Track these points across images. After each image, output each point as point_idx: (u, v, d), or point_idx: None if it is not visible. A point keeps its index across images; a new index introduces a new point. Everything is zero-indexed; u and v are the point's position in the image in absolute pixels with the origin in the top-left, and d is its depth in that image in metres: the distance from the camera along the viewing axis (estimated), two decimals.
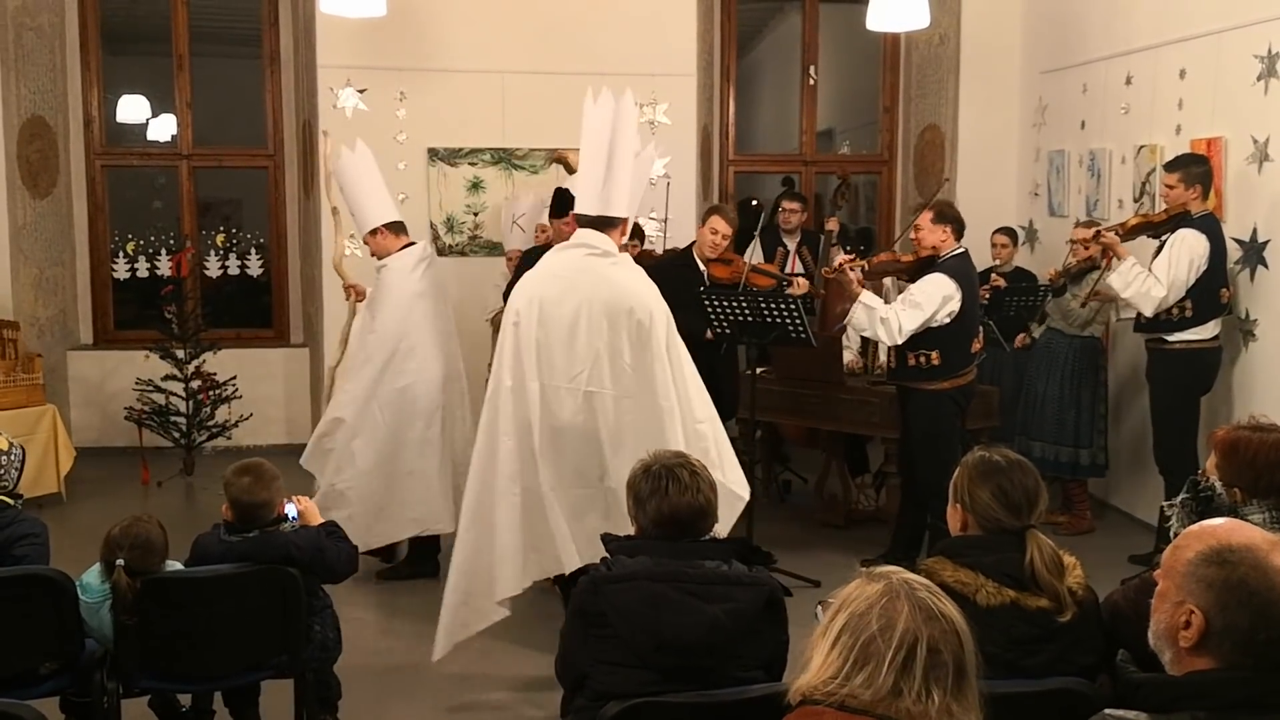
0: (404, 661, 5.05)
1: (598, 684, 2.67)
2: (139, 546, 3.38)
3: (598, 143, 4.81)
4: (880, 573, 1.87)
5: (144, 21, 9.01)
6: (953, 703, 1.76)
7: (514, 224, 7.84)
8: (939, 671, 1.75)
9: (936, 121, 8.77)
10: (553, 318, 4.45)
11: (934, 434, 5.66)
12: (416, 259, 5.87)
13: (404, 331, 5.74)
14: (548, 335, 4.46)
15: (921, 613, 1.78)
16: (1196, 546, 1.96)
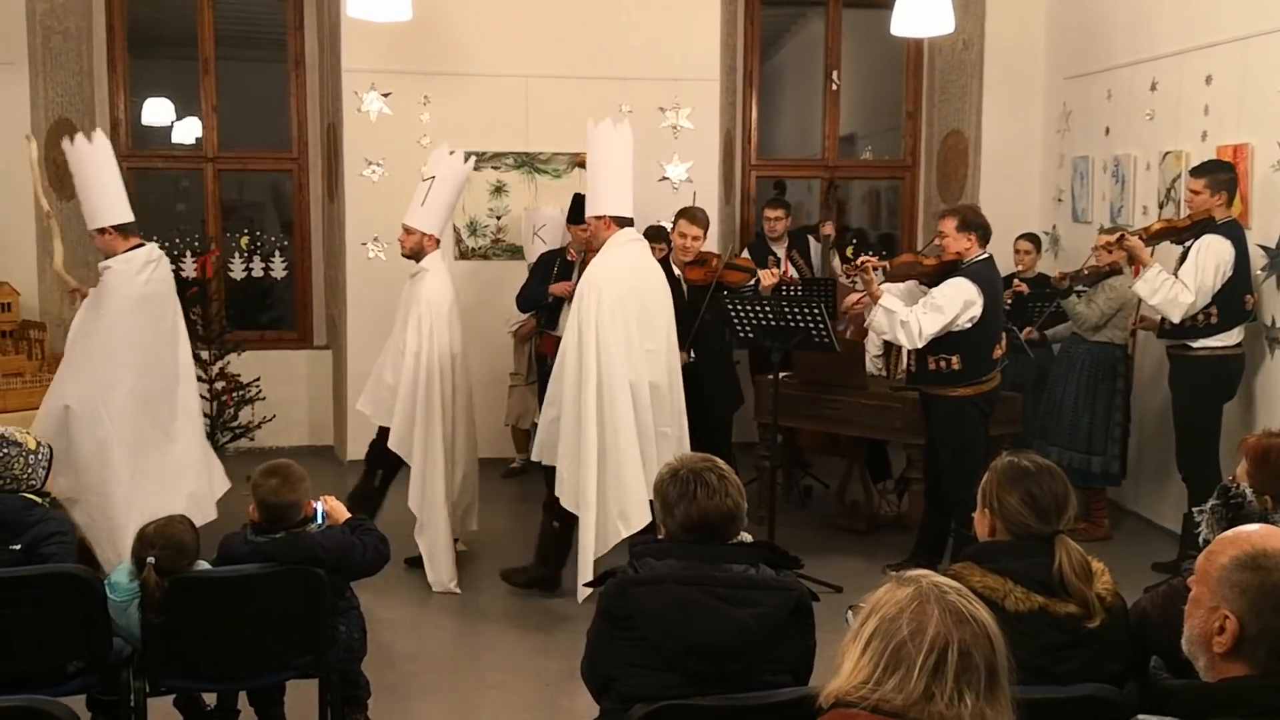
0: (430, 661, 5.08)
1: (624, 686, 2.67)
2: (171, 546, 3.40)
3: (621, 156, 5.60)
4: (910, 577, 1.87)
5: (170, 25, 9.07)
6: (985, 707, 1.75)
7: (535, 235, 7.87)
8: (971, 675, 1.75)
9: (960, 127, 8.76)
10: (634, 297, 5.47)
11: (957, 441, 5.64)
12: (143, 261, 5.73)
13: (120, 336, 5.57)
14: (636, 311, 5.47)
15: (952, 616, 1.78)
16: (1231, 552, 1.95)
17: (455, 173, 6.11)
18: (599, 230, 5.59)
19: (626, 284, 5.45)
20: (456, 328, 6.00)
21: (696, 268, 6.39)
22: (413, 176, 8.16)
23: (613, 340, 5.33)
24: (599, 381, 5.31)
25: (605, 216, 5.56)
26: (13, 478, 3.61)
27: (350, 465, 7.84)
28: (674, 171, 8.38)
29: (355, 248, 8.24)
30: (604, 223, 5.57)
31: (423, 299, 5.88)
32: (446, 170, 6.07)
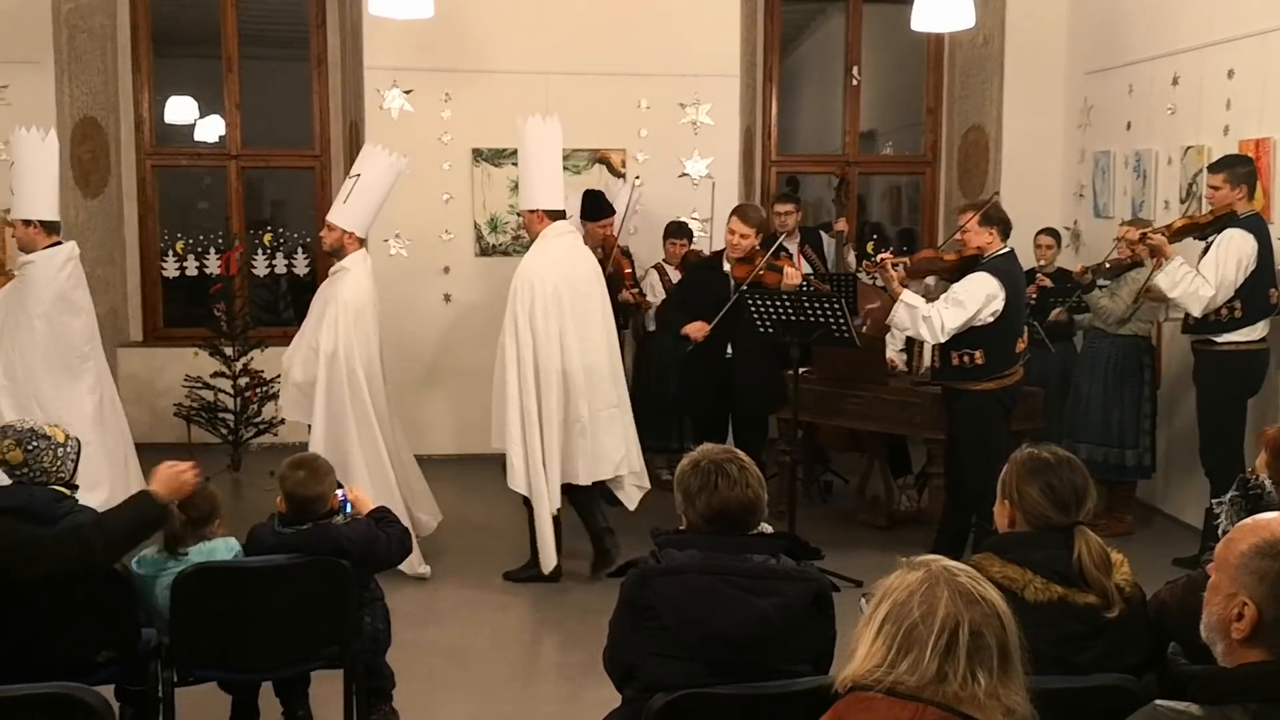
0: (454, 653, 5.12)
1: (646, 675, 2.70)
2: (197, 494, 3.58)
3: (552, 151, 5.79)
4: (920, 561, 1.90)
5: (193, 24, 9.14)
6: (999, 685, 1.78)
7: None
8: (983, 654, 1.78)
9: (981, 122, 8.75)
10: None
11: (980, 436, 5.64)
12: (65, 258, 5.82)
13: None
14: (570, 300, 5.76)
15: (963, 598, 1.80)
16: (1250, 540, 1.97)
17: (383, 172, 5.99)
18: (532, 223, 5.84)
19: (560, 275, 5.72)
20: (375, 327, 5.93)
21: (744, 265, 6.41)
22: (435, 174, 8.27)
23: (542, 331, 5.66)
24: (535, 371, 5.66)
25: (538, 210, 5.78)
26: (42, 470, 3.65)
27: None
28: (694, 168, 8.40)
29: (377, 244, 8.27)
30: (537, 216, 5.79)
31: (340, 298, 5.76)
32: (373, 169, 5.98)
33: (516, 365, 5.67)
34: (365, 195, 5.92)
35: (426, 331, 8.33)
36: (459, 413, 8.27)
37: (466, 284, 8.30)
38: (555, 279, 5.70)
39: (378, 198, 6.00)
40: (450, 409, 8.35)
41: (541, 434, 5.69)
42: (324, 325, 5.73)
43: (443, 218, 8.35)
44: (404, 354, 8.09)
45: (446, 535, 6.47)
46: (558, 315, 5.71)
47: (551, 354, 5.69)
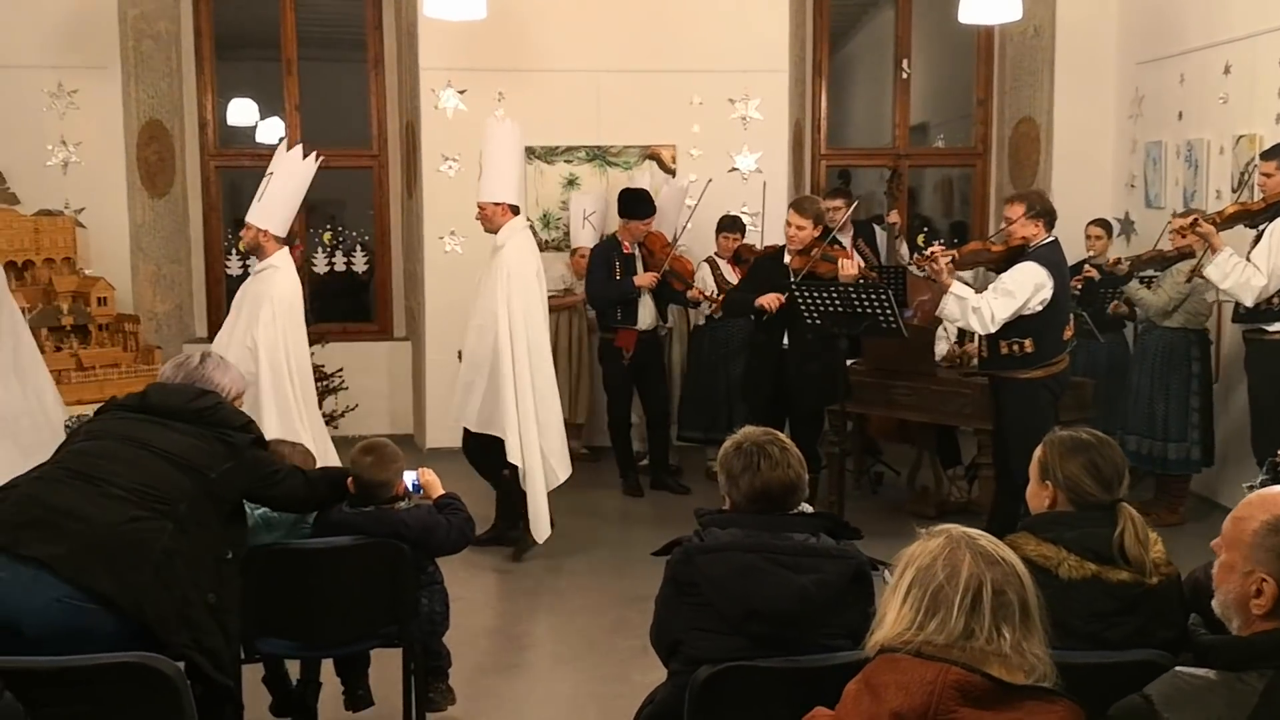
0: (508, 637, 5.26)
1: (690, 650, 2.80)
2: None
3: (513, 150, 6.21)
4: (940, 529, 2.00)
5: (254, 28, 9.36)
6: (1022, 639, 1.87)
7: (585, 220, 8.01)
8: (1006, 611, 1.87)
9: (1031, 114, 8.74)
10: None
11: (1029, 423, 5.66)
12: None
13: None
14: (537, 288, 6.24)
15: (983, 559, 1.90)
16: (1261, 517, 2.03)
17: (295, 171, 6.02)
18: (496, 215, 6.17)
19: (535, 265, 6.25)
20: (301, 322, 5.98)
21: (800, 257, 6.50)
22: None
23: (539, 316, 6.21)
24: (529, 355, 6.08)
25: (503, 204, 6.16)
26: None
27: (429, 453, 8.07)
28: (743, 162, 8.48)
29: (433, 241, 8.46)
30: (501, 209, 6.17)
31: (274, 295, 5.74)
32: (285, 168, 6.01)
33: (510, 348, 6.01)
34: (278, 195, 5.95)
35: None
36: None
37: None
38: (532, 268, 6.22)
39: (291, 197, 6.01)
40: None
41: (536, 410, 6.10)
42: (260, 323, 5.71)
43: None
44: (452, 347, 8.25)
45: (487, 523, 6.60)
46: (539, 301, 6.23)
47: (534, 334, 6.13)
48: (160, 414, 3.34)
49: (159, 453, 3.24)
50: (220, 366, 3.67)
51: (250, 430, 3.46)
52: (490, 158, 6.22)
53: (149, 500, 3.12)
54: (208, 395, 3.45)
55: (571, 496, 7.51)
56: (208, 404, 3.40)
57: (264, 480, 3.47)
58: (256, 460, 3.44)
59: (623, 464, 7.55)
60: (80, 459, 3.22)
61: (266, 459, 3.52)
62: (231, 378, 3.69)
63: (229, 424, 3.39)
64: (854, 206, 7.70)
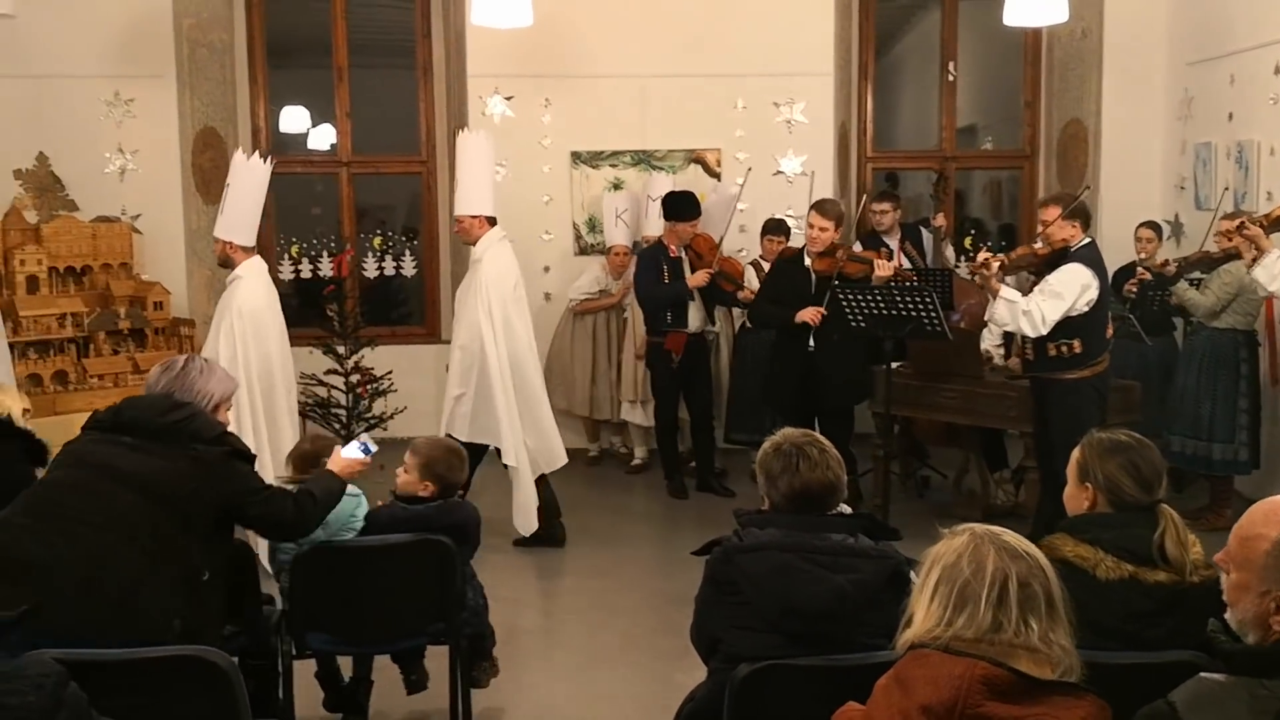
0: (549, 637, 5.32)
1: (730, 648, 2.85)
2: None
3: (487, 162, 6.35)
4: (963, 527, 2.03)
5: (306, 36, 9.52)
6: (1049, 630, 1.90)
7: (618, 219, 8.07)
8: (1033, 603, 1.90)
9: (1079, 116, 8.69)
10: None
11: (1078, 424, 5.62)
12: None
13: None
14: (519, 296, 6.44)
15: (1007, 554, 1.93)
16: (1271, 535, 2.04)
17: (251, 179, 6.07)
18: (473, 228, 6.33)
19: (514, 276, 6.38)
20: (271, 331, 6.02)
21: (824, 259, 6.53)
22: (535, 176, 8.51)
23: (519, 326, 6.31)
24: (513, 363, 6.25)
25: (480, 216, 6.32)
26: None
27: None
28: (788, 166, 8.50)
29: None
30: (478, 221, 6.33)
31: (234, 306, 5.86)
32: (240, 177, 6.06)
33: (496, 358, 6.16)
34: (239, 204, 6.02)
35: None
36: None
37: (566, 282, 8.49)
38: (515, 277, 6.38)
39: (252, 204, 6.08)
40: None
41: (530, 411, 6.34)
42: (220, 333, 5.86)
43: (543, 219, 8.57)
44: None
45: None
46: (517, 310, 6.34)
47: (514, 344, 6.26)
48: (132, 432, 3.25)
49: (125, 478, 3.16)
50: (204, 371, 3.56)
51: (225, 442, 3.34)
52: (464, 171, 6.33)
53: (114, 532, 3.08)
54: (182, 407, 3.35)
55: (617, 498, 7.62)
56: (180, 416, 3.30)
57: (238, 497, 3.33)
58: (229, 475, 3.32)
59: (668, 466, 7.59)
60: (47, 496, 3.18)
61: (242, 474, 3.38)
62: (216, 381, 3.57)
63: (201, 437, 3.28)
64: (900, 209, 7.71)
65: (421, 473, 4.00)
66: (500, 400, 6.18)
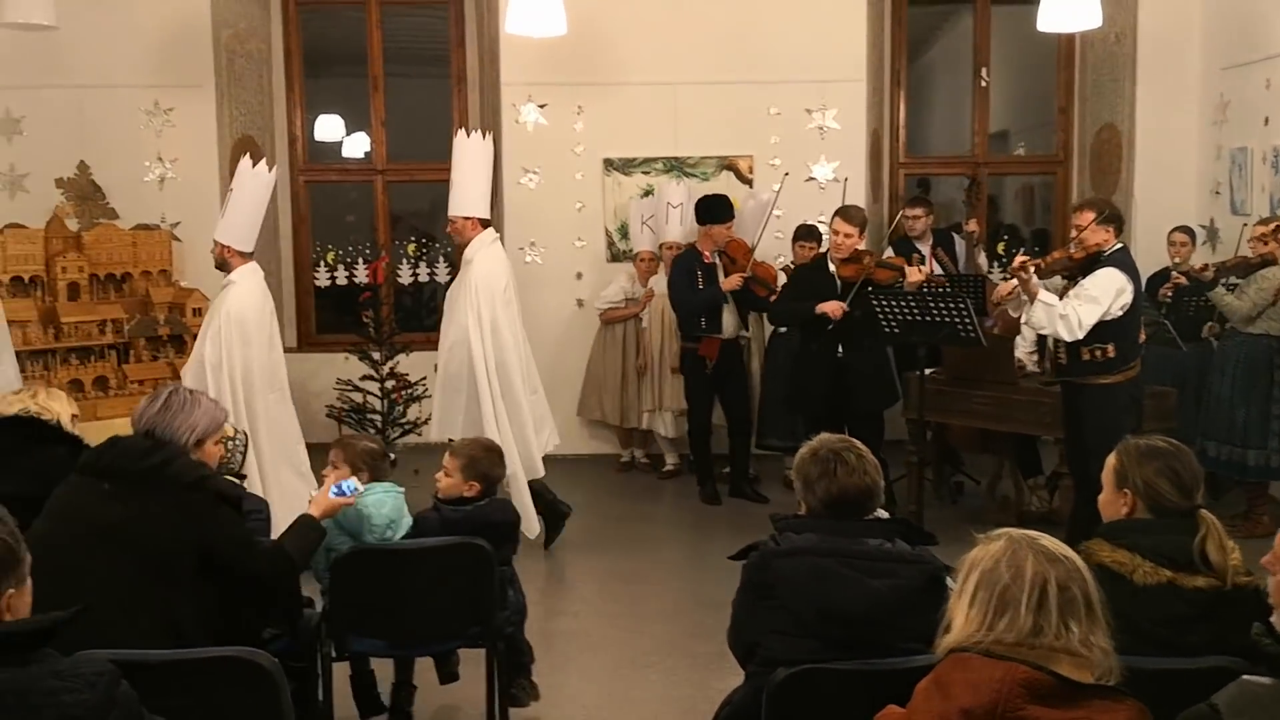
0: (586, 641, 5.35)
1: (767, 652, 2.86)
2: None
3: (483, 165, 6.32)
4: (998, 533, 2.05)
5: (341, 46, 9.61)
6: (1089, 633, 1.91)
7: (644, 224, 8.11)
8: (1072, 606, 1.92)
9: (1114, 121, 8.66)
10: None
11: (1111, 429, 5.61)
12: None
13: None
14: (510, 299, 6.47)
15: (1045, 557, 1.95)
16: None
17: (254, 185, 6.10)
18: (466, 229, 6.34)
19: (504, 279, 6.38)
20: (261, 337, 6.01)
21: (849, 265, 6.55)
22: (568, 183, 8.56)
23: (505, 329, 6.29)
24: (498, 365, 6.24)
25: (473, 218, 6.32)
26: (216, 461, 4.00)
27: None
28: (820, 172, 8.51)
29: (514, 252, 8.56)
30: (471, 223, 6.33)
31: (223, 311, 5.90)
32: (243, 183, 6.10)
33: (484, 359, 6.17)
34: (239, 210, 6.06)
35: (559, 335, 8.60)
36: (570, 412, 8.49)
37: (598, 289, 8.53)
38: (503, 281, 6.37)
39: (253, 211, 6.12)
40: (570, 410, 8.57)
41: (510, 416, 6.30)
42: (208, 338, 5.90)
43: (576, 225, 8.62)
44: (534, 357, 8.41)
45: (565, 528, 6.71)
46: (504, 313, 6.33)
47: (500, 346, 6.27)
48: (111, 477, 3.14)
49: (101, 530, 3.06)
50: (186, 406, 3.41)
51: (204, 486, 3.21)
52: (460, 172, 6.34)
53: (90, 590, 2.91)
54: (159, 449, 3.22)
55: (648, 504, 7.65)
56: (156, 461, 3.16)
57: (216, 543, 3.18)
58: (208, 519, 3.18)
59: (701, 472, 7.61)
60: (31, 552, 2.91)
61: (223, 520, 3.23)
62: (200, 414, 3.42)
63: (179, 481, 3.16)
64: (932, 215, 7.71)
65: (465, 473, 4.04)
66: (488, 403, 6.19)
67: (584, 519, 6.92)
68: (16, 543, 2.16)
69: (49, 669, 2.06)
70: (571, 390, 8.50)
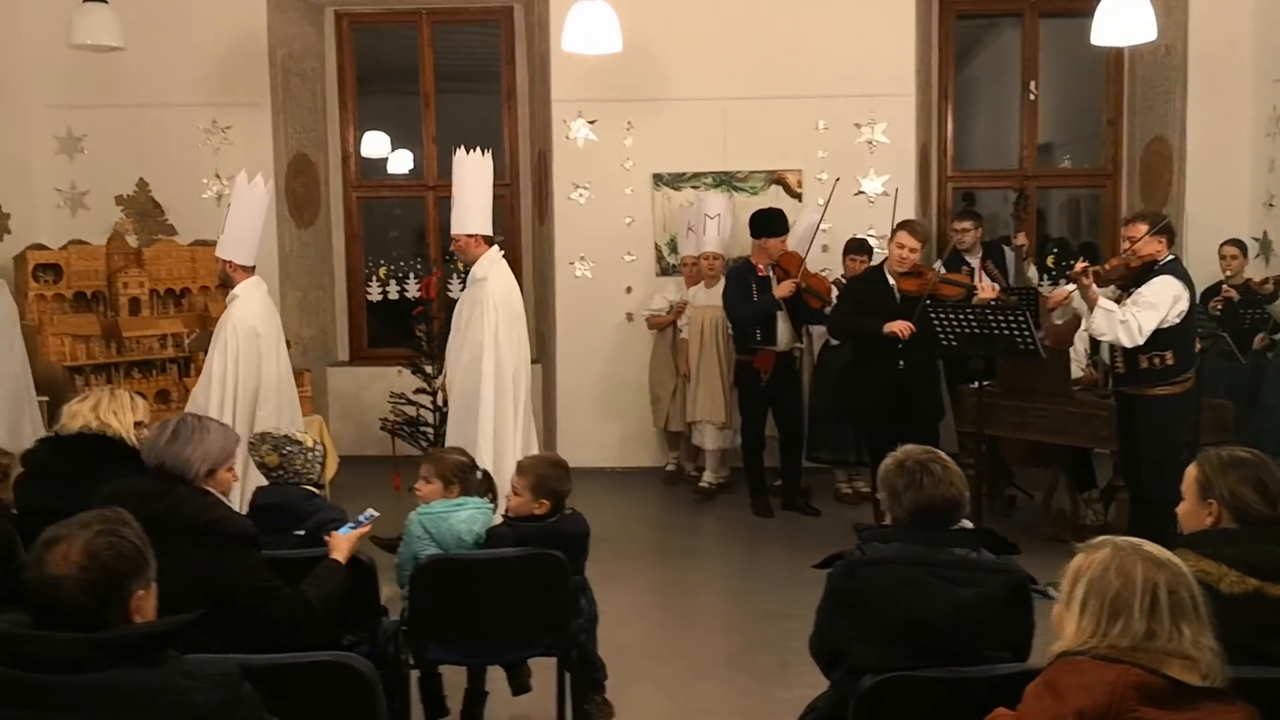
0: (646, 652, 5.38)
1: (853, 659, 2.90)
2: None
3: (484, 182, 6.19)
4: (1100, 541, 2.10)
5: (393, 64, 9.75)
6: (1199, 634, 1.95)
7: (688, 231, 8.17)
8: (1182, 609, 1.97)
9: (1164, 133, 8.65)
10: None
11: (1166, 440, 5.67)
12: None
13: None
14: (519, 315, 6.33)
15: (1153, 563, 2.00)
16: None
17: (251, 200, 6.16)
18: (469, 247, 6.17)
19: (514, 294, 6.26)
20: (267, 349, 6.05)
21: (911, 279, 6.53)
22: (618, 198, 8.64)
23: (507, 346, 6.09)
24: (498, 380, 6.05)
25: (476, 235, 6.16)
26: (295, 472, 4.09)
27: None
28: (870, 186, 8.55)
29: (564, 266, 8.70)
30: (475, 240, 6.16)
31: (229, 325, 5.96)
32: (240, 198, 6.16)
33: (494, 380, 6.01)
34: (238, 225, 6.11)
35: (608, 348, 8.68)
36: (626, 426, 8.59)
37: (647, 303, 8.60)
38: (512, 298, 6.23)
39: (252, 225, 6.17)
40: (619, 423, 8.67)
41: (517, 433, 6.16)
42: (215, 351, 5.96)
43: (625, 240, 8.69)
44: (581, 370, 8.49)
45: (619, 541, 6.76)
46: (509, 329, 6.14)
47: (518, 364, 6.16)
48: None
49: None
50: (196, 435, 3.41)
51: (213, 530, 3.20)
52: (462, 190, 6.22)
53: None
54: (166, 495, 3.21)
55: (702, 517, 7.68)
56: (161, 508, 3.12)
57: (228, 584, 3.17)
58: (219, 562, 3.16)
59: (754, 485, 7.64)
60: None
61: (236, 562, 3.21)
62: (210, 443, 3.42)
63: (190, 527, 3.14)
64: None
65: (535, 492, 4.10)
66: (487, 425, 6.02)
67: (619, 531, 6.95)
68: (144, 545, 2.24)
69: (178, 669, 2.13)
70: (622, 402, 8.56)
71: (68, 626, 2.10)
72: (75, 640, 2.08)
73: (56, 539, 2.17)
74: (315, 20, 9.06)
